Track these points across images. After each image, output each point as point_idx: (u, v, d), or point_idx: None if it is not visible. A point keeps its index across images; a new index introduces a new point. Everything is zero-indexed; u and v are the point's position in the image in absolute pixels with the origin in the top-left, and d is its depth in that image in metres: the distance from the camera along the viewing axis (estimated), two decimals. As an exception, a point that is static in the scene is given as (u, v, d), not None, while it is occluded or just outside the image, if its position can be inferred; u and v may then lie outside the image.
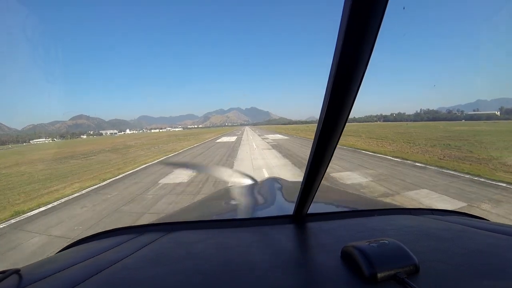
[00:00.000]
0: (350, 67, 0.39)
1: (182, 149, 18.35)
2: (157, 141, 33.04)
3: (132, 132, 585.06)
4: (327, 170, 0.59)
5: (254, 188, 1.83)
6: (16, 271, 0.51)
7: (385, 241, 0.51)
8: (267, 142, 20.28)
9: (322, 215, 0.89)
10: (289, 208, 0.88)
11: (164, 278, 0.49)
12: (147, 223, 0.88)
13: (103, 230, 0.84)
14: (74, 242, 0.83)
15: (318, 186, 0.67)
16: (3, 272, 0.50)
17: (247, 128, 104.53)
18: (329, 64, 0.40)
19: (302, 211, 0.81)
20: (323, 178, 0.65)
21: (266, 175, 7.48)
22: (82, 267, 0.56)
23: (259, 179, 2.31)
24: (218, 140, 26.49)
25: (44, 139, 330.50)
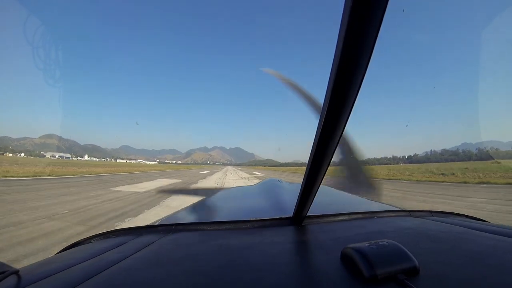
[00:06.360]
0: (350, 68, 0.39)
1: None
2: None
3: (90, 158, 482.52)
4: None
5: (254, 190, 1.87)
6: (15, 272, 0.50)
7: (385, 242, 0.50)
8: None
9: (322, 217, 0.88)
10: (289, 210, 0.88)
11: (164, 279, 0.48)
12: (146, 224, 0.86)
13: (103, 231, 0.82)
14: (74, 243, 0.80)
15: (318, 188, 0.67)
16: (2, 272, 0.48)
17: (229, 168, 76.44)
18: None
19: (301, 213, 0.80)
20: (322, 180, 0.65)
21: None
22: (81, 268, 0.55)
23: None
24: None
25: None
